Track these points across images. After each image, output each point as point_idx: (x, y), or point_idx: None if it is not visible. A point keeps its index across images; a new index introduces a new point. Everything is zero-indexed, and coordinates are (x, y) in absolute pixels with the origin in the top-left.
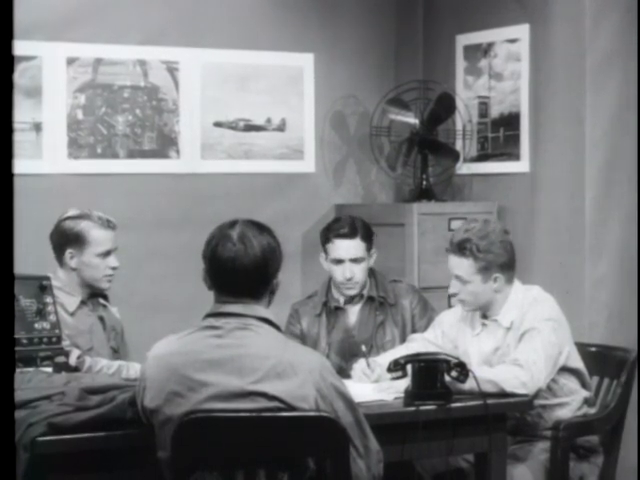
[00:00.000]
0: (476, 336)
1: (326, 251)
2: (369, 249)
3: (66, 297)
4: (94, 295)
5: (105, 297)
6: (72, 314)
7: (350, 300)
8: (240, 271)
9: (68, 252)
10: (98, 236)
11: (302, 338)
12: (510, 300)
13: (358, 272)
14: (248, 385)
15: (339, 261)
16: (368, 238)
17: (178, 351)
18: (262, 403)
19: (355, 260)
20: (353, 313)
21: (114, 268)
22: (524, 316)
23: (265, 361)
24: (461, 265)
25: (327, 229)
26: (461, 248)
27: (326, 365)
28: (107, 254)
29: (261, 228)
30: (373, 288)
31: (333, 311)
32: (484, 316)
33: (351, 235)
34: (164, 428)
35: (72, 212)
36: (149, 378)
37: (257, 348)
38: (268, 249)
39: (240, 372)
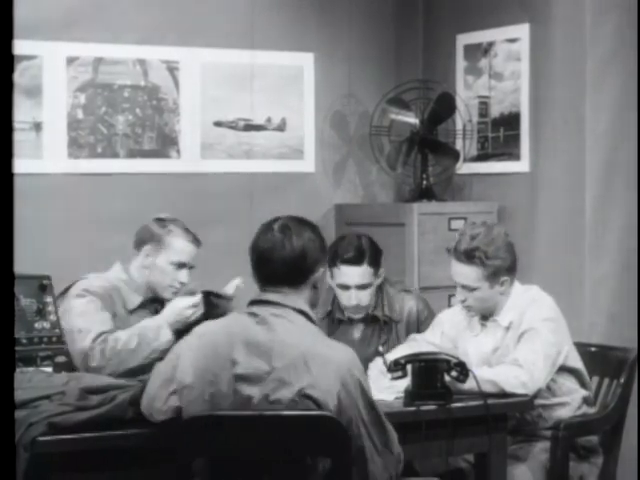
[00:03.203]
0: (475, 336)
1: (332, 274)
2: (376, 272)
3: (130, 293)
4: (153, 302)
5: (162, 305)
6: (131, 312)
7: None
8: (278, 260)
9: (145, 249)
10: (178, 245)
11: None
12: (509, 300)
13: (364, 297)
14: (274, 370)
15: (345, 287)
16: (375, 262)
17: (219, 331)
18: (284, 390)
19: (361, 286)
20: (357, 330)
21: (182, 283)
22: (523, 316)
23: (294, 349)
24: (467, 273)
25: (334, 252)
26: (469, 257)
27: (355, 362)
28: (181, 266)
29: (303, 222)
30: (379, 307)
31: (337, 323)
32: (483, 316)
33: (357, 262)
34: (192, 404)
35: (165, 215)
36: (183, 355)
37: (289, 336)
38: (308, 241)
39: (268, 356)
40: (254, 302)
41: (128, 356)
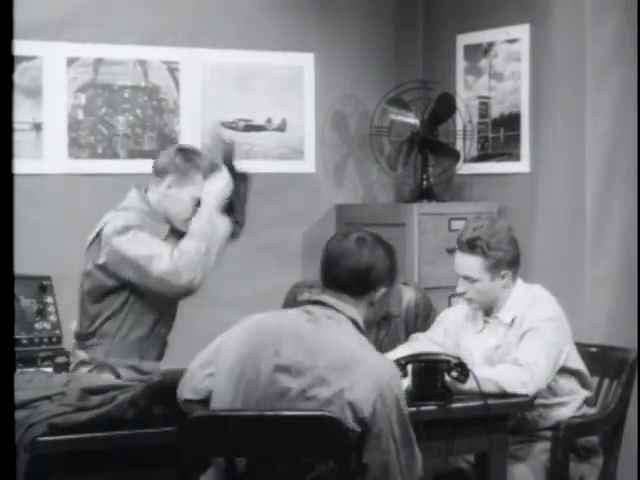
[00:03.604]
0: (478, 333)
1: None
2: None
3: (155, 223)
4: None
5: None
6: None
7: None
8: (343, 267)
9: (168, 179)
10: (203, 181)
11: None
12: (512, 297)
13: None
14: (316, 367)
15: None
16: None
17: (269, 322)
18: (322, 388)
19: None
20: None
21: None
22: (525, 315)
23: (339, 352)
24: (469, 263)
25: None
26: (471, 246)
27: (397, 377)
28: (200, 203)
29: (380, 241)
30: None
31: None
32: (486, 313)
33: None
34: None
35: (188, 146)
36: (228, 340)
37: (337, 339)
38: (377, 258)
39: (313, 353)
40: (311, 301)
41: (207, 259)
